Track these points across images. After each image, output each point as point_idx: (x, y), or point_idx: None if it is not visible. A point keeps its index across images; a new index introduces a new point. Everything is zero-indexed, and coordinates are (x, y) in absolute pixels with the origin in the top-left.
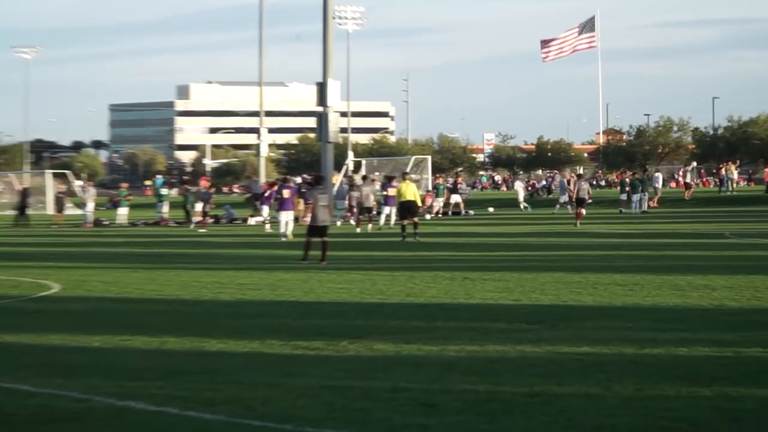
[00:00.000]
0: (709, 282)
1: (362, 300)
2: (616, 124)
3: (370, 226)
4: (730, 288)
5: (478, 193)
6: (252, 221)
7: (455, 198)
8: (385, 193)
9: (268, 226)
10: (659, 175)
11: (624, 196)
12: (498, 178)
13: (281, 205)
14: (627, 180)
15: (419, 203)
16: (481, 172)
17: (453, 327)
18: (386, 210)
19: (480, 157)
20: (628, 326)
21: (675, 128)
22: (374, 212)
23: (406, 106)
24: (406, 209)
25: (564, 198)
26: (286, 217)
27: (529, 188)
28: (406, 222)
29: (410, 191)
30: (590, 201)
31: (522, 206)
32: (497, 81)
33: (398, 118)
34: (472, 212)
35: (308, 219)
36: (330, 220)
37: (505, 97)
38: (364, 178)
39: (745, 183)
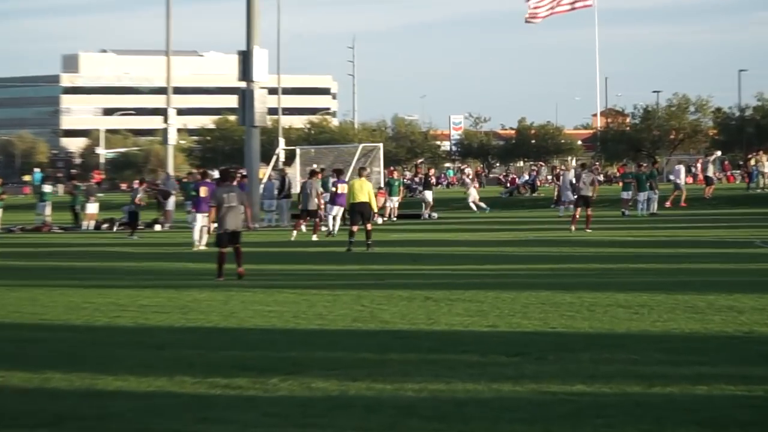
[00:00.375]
0: (734, 303)
1: (297, 326)
2: (618, 104)
3: (314, 235)
4: (761, 310)
5: (443, 191)
6: (158, 227)
7: (428, 196)
8: (333, 189)
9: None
10: (681, 169)
11: (627, 195)
12: (469, 171)
13: (197, 206)
14: (632, 173)
15: (374, 206)
16: (447, 165)
17: (412, 360)
18: (334, 211)
19: (446, 146)
20: (634, 358)
21: (691, 108)
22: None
23: (352, 80)
24: (359, 212)
25: (567, 197)
26: (203, 222)
27: (508, 184)
28: (356, 228)
29: (364, 191)
30: (594, 197)
31: (474, 207)
32: (467, 48)
33: (342, 96)
34: (435, 215)
35: (214, 225)
36: (242, 226)
37: (478, 70)
38: (313, 173)
39: None
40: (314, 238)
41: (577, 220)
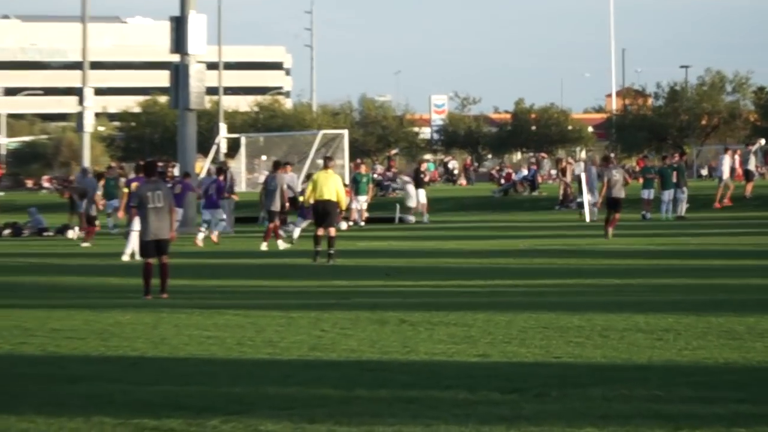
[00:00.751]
0: None
1: (242, 356)
2: (637, 82)
3: (279, 242)
4: None
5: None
6: (72, 234)
7: (421, 196)
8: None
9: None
10: (726, 159)
11: (649, 194)
12: (453, 164)
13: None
14: (655, 168)
15: (343, 204)
16: (427, 156)
17: (383, 397)
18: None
19: (426, 133)
20: (656, 395)
21: (728, 88)
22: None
23: (310, 53)
24: (323, 213)
25: (592, 198)
26: (138, 226)
27: (503, 181)
28: (322, 232)
29: (331, 186)
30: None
31: (412, 219)
32: (451, 14)
33: (298, 72)
34: (412, 218)
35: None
36: (170, 233)
37: (465, 40)
38: (277, 165)
39: None
40: (281, 245)
41: (614, 224)
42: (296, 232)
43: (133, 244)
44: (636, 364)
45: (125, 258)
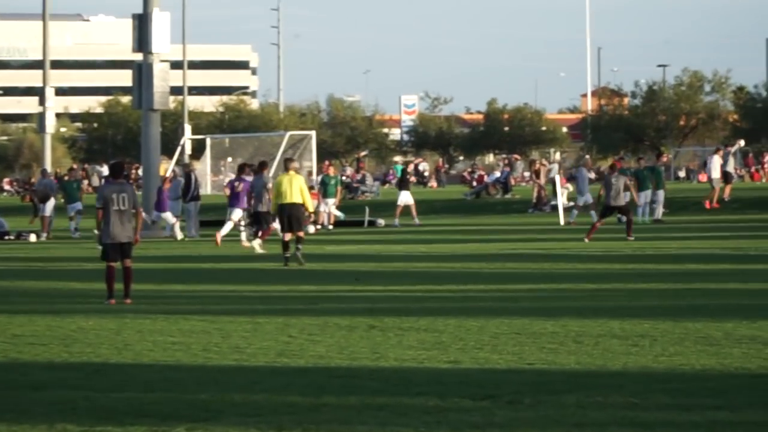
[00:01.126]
0: (759, 332)
1: (208, 362)
2: (614, 81)
3: (257, 242)
4: None
5: (391, 191)
6: (33, 238)
7: (405, 199)
8: (236, 189)
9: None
10: (715, 159)
11: (625, 196)
12: (424, 166)
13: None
14: (631, 170)
15: (309, 206)
16: (397, 158)
17: (352, 405)
18: (236, 215)
19: (396, 134)
20: (632, 402)
21: (707, 87)
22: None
23: (277, 51)
24: (290, 217)
25: (584, 199)
26: None
27: (475, 183)
28: (289, 236)
29: (295, 188)
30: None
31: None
32: (421, 11)
33: (264, 71)
34: (382, 221)
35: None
36: (132, 236)
37: (436, 38)
38: (263, 165)
39: None
40: (258, 249)
41: (595, 230)
42: (227, 227)
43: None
44: (611, 370)
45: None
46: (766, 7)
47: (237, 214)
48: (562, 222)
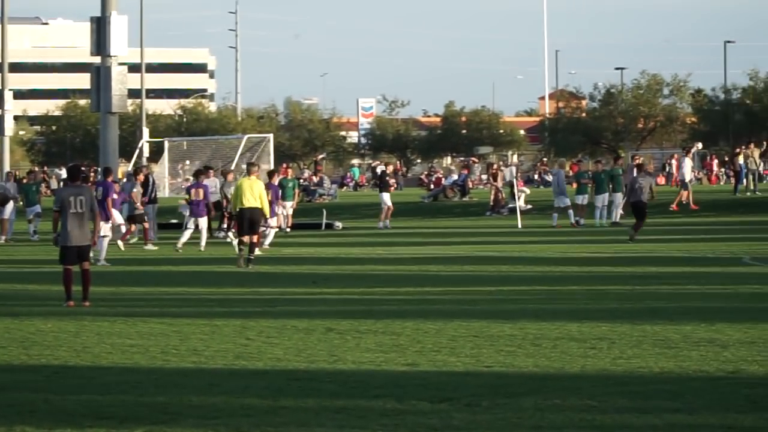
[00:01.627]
0: (717, 335)
1: (166, 364)
2: (572, 84)
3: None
4: (750, 344)
5: (350, 194)
6: None
7: (385, 200)
8: (191, 196)
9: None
10: (686, 161)
11: (583, 199)
12: (382, 169)
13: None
14: (589, 173)
15: (267, 211)
16: (354, 161)
17: (310, 407)
18: (191, 221)
19: (353, 137)
20: (590, 405)
21: (665, 91)
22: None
23: (235, 54)
24: (249, 220)
25: (563, 202)
26: (106, 231)
27: (432, 186)
28: (246, 240)
29: (255, 192)
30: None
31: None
32: (378, 14)
33: (223, 74)
34: (339, 224)
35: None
36: (90, 238)
37: (394, 41)
38: (199, 173)
39: None
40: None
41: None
42: (185, 236)
43: (105, 247)
44: (569, 373)
45: (102, 263)
46: (724, 9)
47: (203, 222)
48: (519, 225)
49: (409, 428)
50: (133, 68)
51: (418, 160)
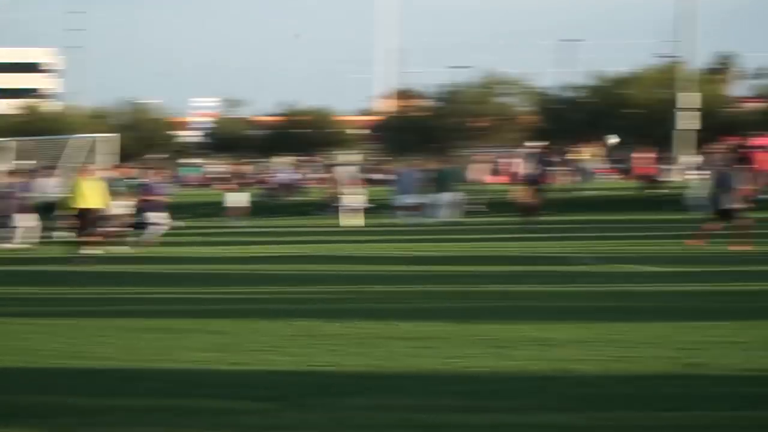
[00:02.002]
0: (546, 333)
1: None
2: (407, 84)
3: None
4: (579, 343)
5: (188, 194)
6: None
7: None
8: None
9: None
10: (529, 161)
11: (421, 198)
12: (224, 169)
13: None
14: (429, 172)
15: (106, 211)
16: (195, 161)
17: (140, 406)
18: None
19: (191, 136)
20: (417, 405)
21: (501, 90)
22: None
23: (78, 55)
24: (87, 221)
25: (406, 199)
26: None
27: (263, 185)
28: (83, 239)
29: (96, 193)
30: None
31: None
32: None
33: (69, 74)
34: (183, 224)
35: None
36: None
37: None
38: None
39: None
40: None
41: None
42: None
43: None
44: (397, 372)
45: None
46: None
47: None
48: (354, 223)
49: (239, 427)
50: None
51: (255, 160)
